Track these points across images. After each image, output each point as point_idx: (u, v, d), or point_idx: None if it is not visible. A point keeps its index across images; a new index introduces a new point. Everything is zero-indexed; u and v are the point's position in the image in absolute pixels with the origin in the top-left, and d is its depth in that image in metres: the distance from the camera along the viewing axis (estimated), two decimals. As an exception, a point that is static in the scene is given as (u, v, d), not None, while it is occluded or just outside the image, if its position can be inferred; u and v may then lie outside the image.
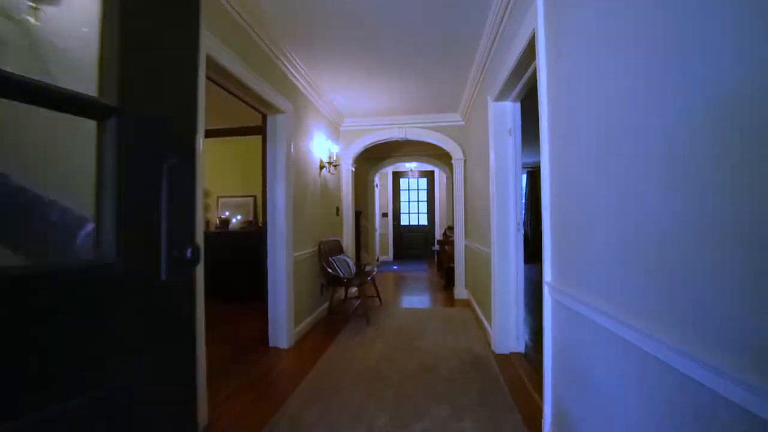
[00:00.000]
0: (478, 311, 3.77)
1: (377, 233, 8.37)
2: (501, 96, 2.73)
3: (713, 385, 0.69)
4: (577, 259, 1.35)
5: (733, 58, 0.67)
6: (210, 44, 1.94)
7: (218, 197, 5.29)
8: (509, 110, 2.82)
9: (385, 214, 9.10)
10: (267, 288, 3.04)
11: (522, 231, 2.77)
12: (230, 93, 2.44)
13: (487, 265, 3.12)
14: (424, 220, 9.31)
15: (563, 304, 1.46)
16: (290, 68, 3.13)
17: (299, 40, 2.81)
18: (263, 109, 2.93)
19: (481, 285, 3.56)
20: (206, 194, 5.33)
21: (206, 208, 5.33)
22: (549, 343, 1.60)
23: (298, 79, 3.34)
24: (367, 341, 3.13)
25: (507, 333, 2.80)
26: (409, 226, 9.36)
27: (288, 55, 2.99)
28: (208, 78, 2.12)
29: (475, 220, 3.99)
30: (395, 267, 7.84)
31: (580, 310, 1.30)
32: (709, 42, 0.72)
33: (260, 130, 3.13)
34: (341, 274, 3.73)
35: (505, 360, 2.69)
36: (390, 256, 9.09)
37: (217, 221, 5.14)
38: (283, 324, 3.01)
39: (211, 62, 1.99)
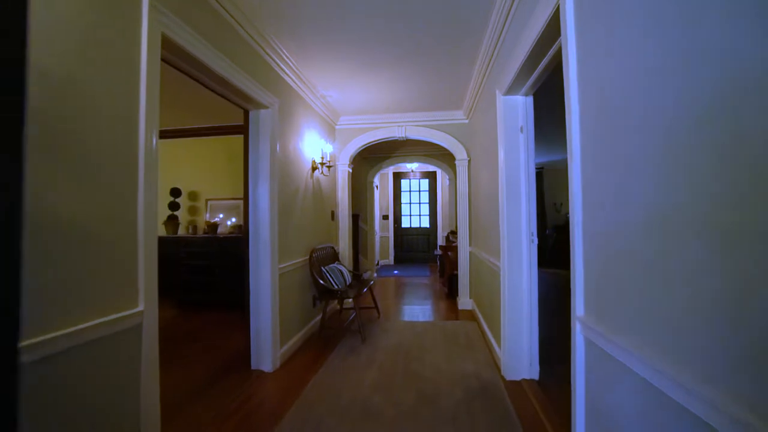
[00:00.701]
0: (485, 326, 3.43)
1: (377, 236, 8.05)
2: (512, 89, 2.40)
3: None
4: (626, 291, 1.02)
5: None
6: (168, 23, 1.62)
7: (207, 200, 4.99)
8: (520, 105, 2.49)
9: (385, 217, 8.77)
10: (249, 305, 2.72)
11: (536, 242, 2.44)
12: (199, 82, 2.12)
13: (496, 278, 2.79)
14: (426, 223, 8.98)
15: (603, 351, 1.12)
16: (276, 60, 2.81)
17: (286, 28, 2.49)
18: (244, 104, 2.61)
19: (488, 298, 3.23)
20: (194, 196, 5.03)
21: (194, 210, 5.02)
22: (580, 397, 1.27)
23: (286, 73, 3.02)
24: (360, 363, 2.81)
25: (519, 357, 2.47)
26: (411, 229, 9.03)
27: (273, 44, 2.67)
28: (168, 63, 1.80)
29: (480, 226, 3.65)
30: (396, 272, 7.51)
31: (627, 363, 0.97)
32: None
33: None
34: (334, 286, 3.41)
35: (517, 389, 2.35)
36: (390, 260, 8.77)
37: (205, 225, 4.83)
38: (266, 345, 2.69)
39: (170, 44, 1.67)
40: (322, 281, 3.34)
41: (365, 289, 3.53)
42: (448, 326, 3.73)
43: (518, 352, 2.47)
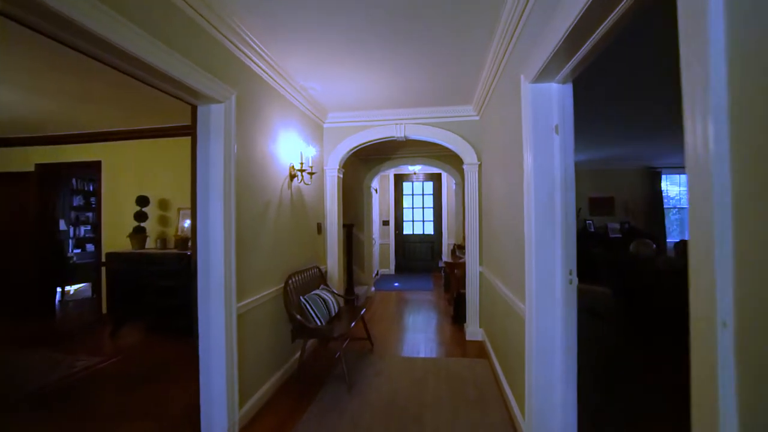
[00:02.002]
0: (499, 370, 2.80)
1: (376, 244, 7.42)
2: (543, 74, 1.76)
3: None
4: None
5: None
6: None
7: (179, 209, 4.39)
8: (555, 96, 1.84)
9: (386, 222, 8.14)
10: (198, 357, 2.11)
11: (575, 282, 1.80)
12: (105, 63, 1.50)
13: (516, 322, 2.16)
14: (429, 229, 8.33)
15: None
16: (234, 41, 2.19)
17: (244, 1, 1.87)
18: (187, 97, 1.99)
19: (504, 338, 2.60)
20: (165, 205, 4.44)
21: (164, 221, 4.43)
22: None
23: (251, 58, 2.40)
24: (342, 428, 2.19)
25: (550, 436, 1.83)
26: (413, 236, 8.39)
27: (229, 21, 2.05)
28: (22, 23, 1.18)
29: (495, 246, 3.01)
30: (396, 284, 6.88)
31: None
32: None
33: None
34: (315, 321, 2.79)
35: (550, 486, 1.72)
36: (391, 269, 8.14)
37: (174, 239, 4.23)
38: (220, 410, 2.08)
39: (15, -2, 1.05)
40: (299, 316, 2.72)
41: (353, 323, 2.91)
42: (454, 367, 3.09)
43: (548, 429, 1.83)
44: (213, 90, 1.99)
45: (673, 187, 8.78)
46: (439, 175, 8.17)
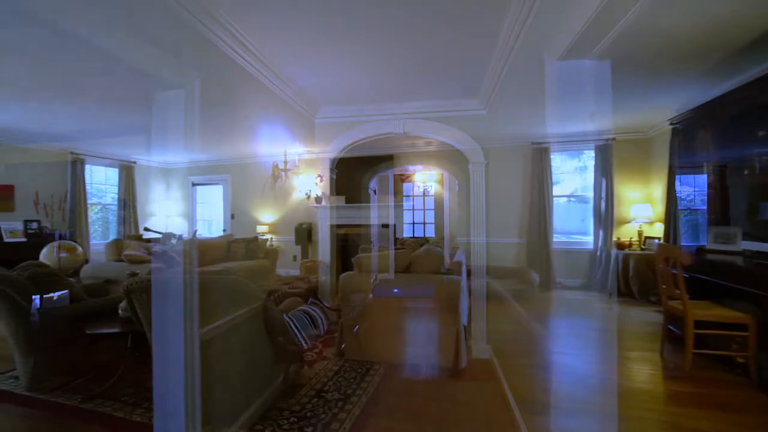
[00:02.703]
0: (510, 397, 2.44)
1: (375, 248, 7.05)
2: (576, 48, 1.40)
3: None
4: None
5: None
6: None
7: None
8: (589, 76, 1.49)
9: (385, 225, 7.78)
10: (152, 392, 1.76)
11: (617, 308, 1.44)
12: None
13: (535, 348, 1.80)
14: (431, 232, 7.97)
15: None
16: (207, 24, 1.84)
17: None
18: (137, 79, 1.64)
19: (519, 366, 2.24)
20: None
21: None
22: None
23: (228, 44, 2.02)
24: (328, 479, 1.83)
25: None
26: (414, 239, 8.03)
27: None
28: None
29: (506, 256, 2.65)
30: (395, 290, 6.50)
31: None
32: None
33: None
34: (302, 343, 2.44)
35: None
36: (391, 274, 7.76)
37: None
38: (178, 458, 1.73)
39: None
40: (281, 337, 2.37)
41: (344, 345, 2.55)
42: (458, 393, 2.72)
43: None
44: (165, 72, 1.64)
45: (685, 187, 8.42)
46: (441, 175, 7.82)
